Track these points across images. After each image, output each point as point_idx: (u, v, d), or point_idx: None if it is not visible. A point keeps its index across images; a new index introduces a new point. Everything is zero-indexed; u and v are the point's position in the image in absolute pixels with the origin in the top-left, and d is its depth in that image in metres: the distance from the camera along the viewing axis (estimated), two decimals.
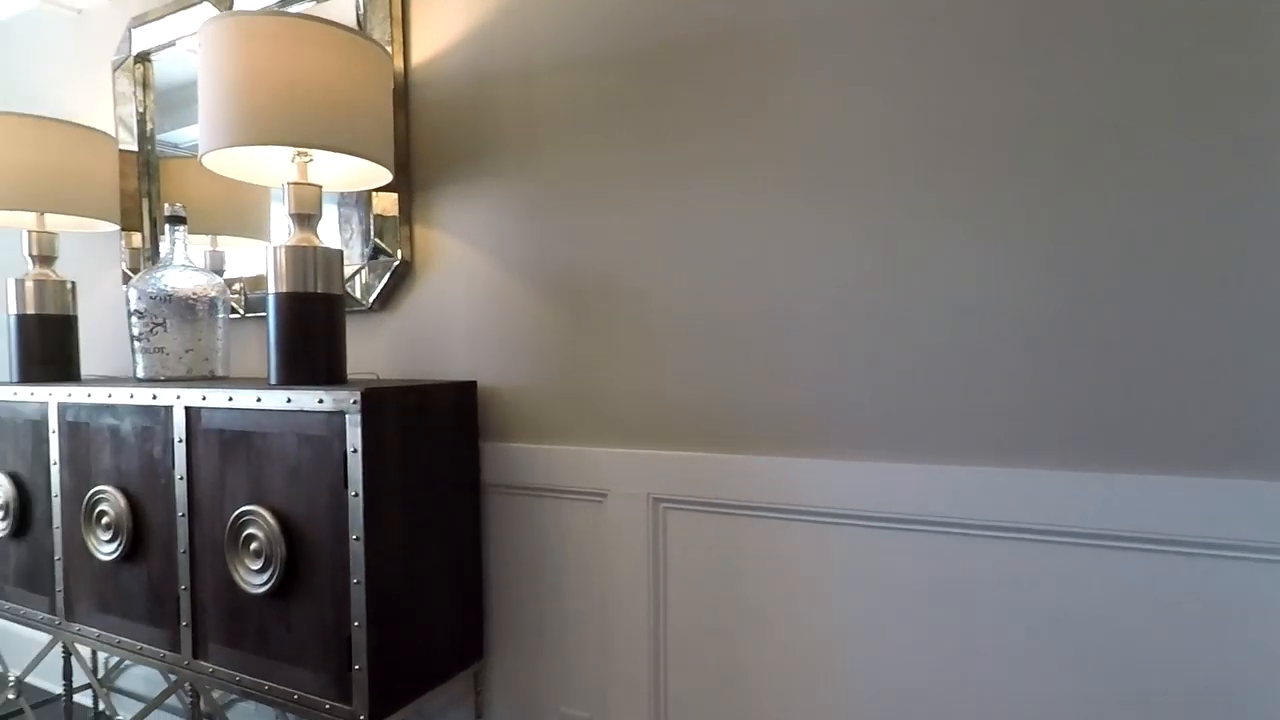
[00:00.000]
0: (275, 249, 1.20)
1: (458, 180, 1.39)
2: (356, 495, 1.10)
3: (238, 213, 1.73)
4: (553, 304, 1.30)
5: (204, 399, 1.26)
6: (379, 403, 1.13)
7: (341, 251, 1.25)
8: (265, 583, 1.19)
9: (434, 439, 1.25)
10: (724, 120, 1.13)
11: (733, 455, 1.14)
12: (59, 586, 1.52)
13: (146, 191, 1.83)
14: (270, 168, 1.30)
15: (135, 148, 1.83)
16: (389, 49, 1.41)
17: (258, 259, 1.71)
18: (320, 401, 1.13)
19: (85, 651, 2.02)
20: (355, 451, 1.10)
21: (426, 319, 1.44)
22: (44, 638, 2.17)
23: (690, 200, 1.17)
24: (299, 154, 1.24)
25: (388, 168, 1.27)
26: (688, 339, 1.18)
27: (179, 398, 1.30)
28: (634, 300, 1.22)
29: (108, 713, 1.99)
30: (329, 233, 1.51)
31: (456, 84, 1.38)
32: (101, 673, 2.02)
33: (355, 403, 1.10)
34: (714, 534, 1.17)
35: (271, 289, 1.20)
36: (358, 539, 1.10)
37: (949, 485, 0.98)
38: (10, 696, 1.66)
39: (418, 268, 1.45)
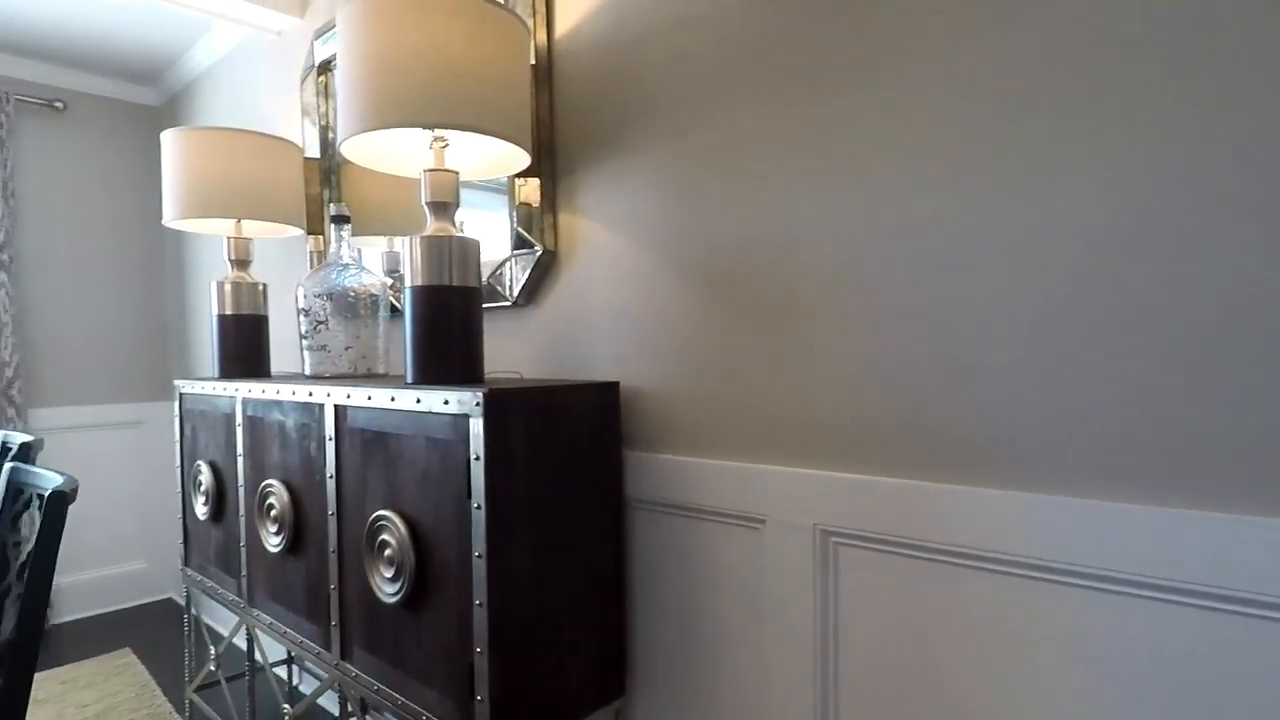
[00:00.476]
0: (410, 240, 1.13)
1: (602, 160, 1.25)
2: (479, 508, 0.99)
3: (411, 212, 1.74)
4: (705, 294, 1.11)
5: (348, 397, 1.23)
6: (505, 405, 1.01)
7: (478, 241, 1.16)
8: (397, 593, 1.12)
9: (570, 447, 1.12)
10: (923, 57, 0.88)
11: (926, 484, 0.88)
12: (243, 571, 1.60)
13: (329, 197, 1.91)
14: (409, 157, 1.25)
15: (318, 154, 1.92)
16: (530, 21, 1.31)
17: None
18: (445, 403, 1.04)
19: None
20: (478, 459, 0.99)
21: (571, 314, 1.32)
22: None
23: (872, 162, 0.92)
24: (435, 139, 1.17)
25: (524, 148, 1.16)
26: (870, 335, 0.94)
27: (329, 395, 1.28)
28: (801, 289, 1.00)
29: (298, 689, 2.12)
30: (499, 229, 1.44)
31: (602, 51, 1.24)
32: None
33: (478, 404, 0.99)
34: (899, 580, 0.91)
35: (408, 282, 1.13)
36: (480, 556, 0.99)
37: (1230, 540, 0.66)
38: (211, 668, 1.79)
39: (562, 258, 1.33)
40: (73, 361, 2.77)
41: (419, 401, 1.08)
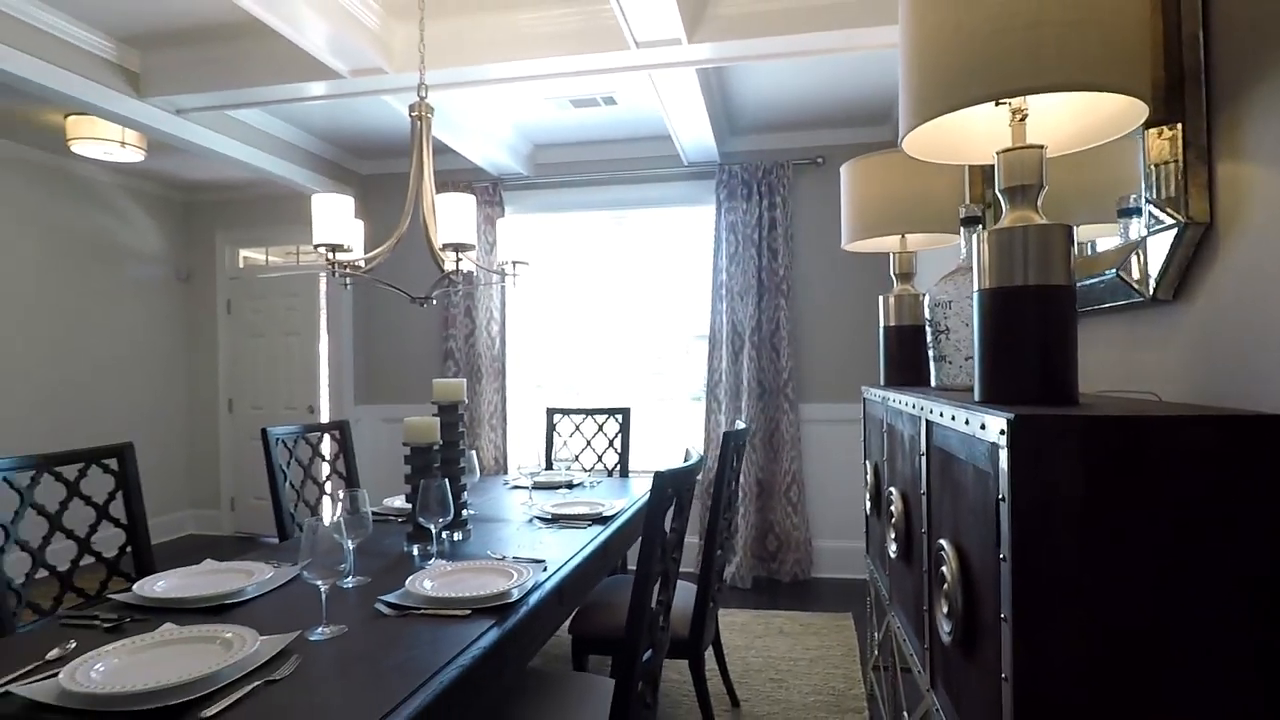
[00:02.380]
0: (976, 236, 1.00)
1: None
2: (1004, 559, 0.81)
3: (1089, 196, 1.49)
4: None
5: (931, 412, 1.17)
6: (1043, 435, 0.79)
7: (1067, 228, 0.94)
8: (950, 633, 1.01)
9: (1185, 512, 0.77)
10: None
11: None
12: (885, 570, 1.69)
13: (990, 199, 1.81)
14: (980, 137, 1.09)
15: None
16: None
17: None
18: (983, 427, 0.88)
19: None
20: (1003, 500, 0.81)
21: (1238, 311, 0.90)
22: None
23: None
24: (1013, 111, 1.00)
25: (1140, 96, 0.86)
26: None
27: (922, 409, 1.24)
28: None
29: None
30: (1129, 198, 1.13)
31: None
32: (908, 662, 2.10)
33: (1002, 431, 0.80)
34: None
35: (975, 285, 1.01)
36: (1004, 619, 0.80)
37: None
38: (875, 652, 1.94)
39: (1221, 231, 0.92)
40: (822, 367, 3.41)
41: (967, 423, 0.95)
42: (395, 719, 0.90)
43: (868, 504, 1.92)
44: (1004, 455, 0.81)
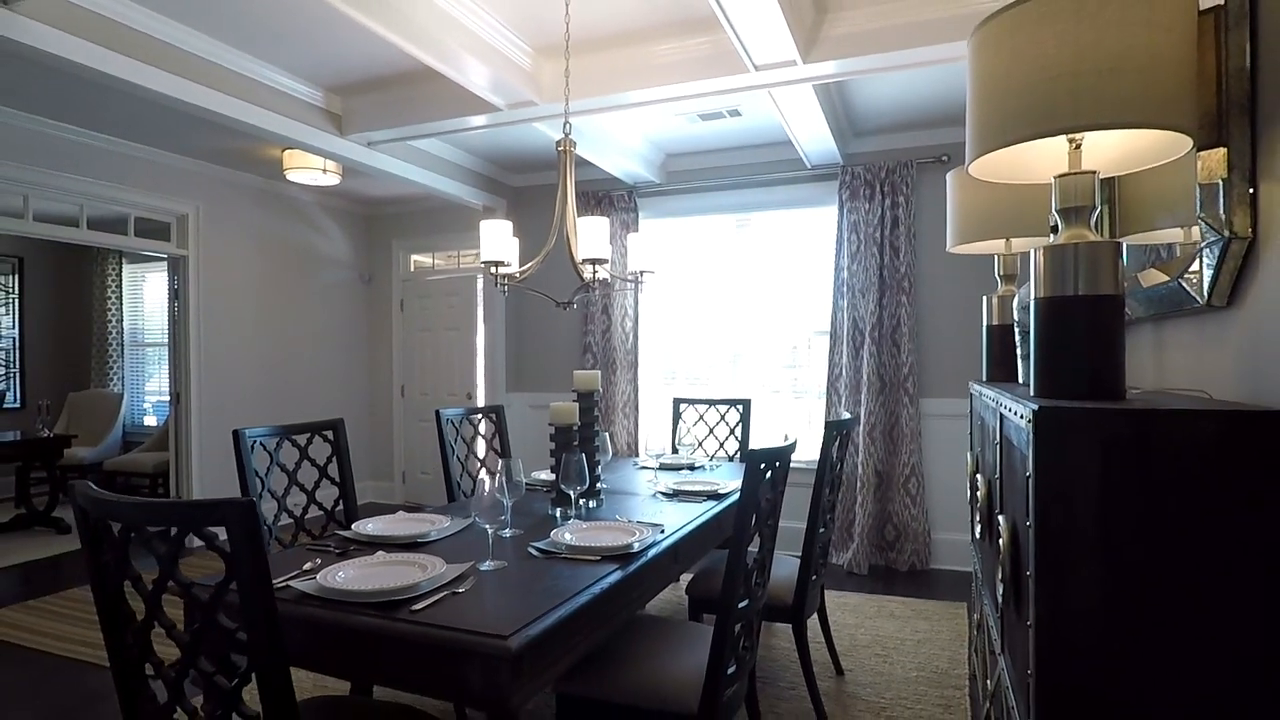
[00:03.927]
0: (1034, 251, 1.16)
1: None
2: (1029, 525, 0.97)
3: (1173, 203, 1.56)
4: None
5: (1002, 406, 1.32)
6: (1062, 423, 0.95)
7: (1115, 244, 1.08)
8: (1003, 595, 1.17)
9: (1185, 499, 0.90)
10: None
11: None
12: (977, 554, 1.81)
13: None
14: (1037, 159, 1.23)
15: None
16: None
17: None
18: (1021, 416, 1.04)
19: None
20: (1029, 477, 0.97)
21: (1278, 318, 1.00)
22: None
23: None
24: (1069, 141, 1.14)
25: (1179, 129, 0.99)
26: None
27: (997, 403, 1.38)
28: None
29: None
30: (1185, 213, 1.23)
31: None
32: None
33: (1027, 420, 0.97)
34: None
35: (1031, 294, 1.17)
36: (1029, 575, 0.97)
37: None
38: (975, 631, 2.04)
39: (1263, 245, 1.02)
40: (945, 362, 3.44)
41: (1015, 413, 1.11)
42: (541, 623, 1.21)
43: (969, 493, 2.02)
44: (1031, 439, 0.97)
